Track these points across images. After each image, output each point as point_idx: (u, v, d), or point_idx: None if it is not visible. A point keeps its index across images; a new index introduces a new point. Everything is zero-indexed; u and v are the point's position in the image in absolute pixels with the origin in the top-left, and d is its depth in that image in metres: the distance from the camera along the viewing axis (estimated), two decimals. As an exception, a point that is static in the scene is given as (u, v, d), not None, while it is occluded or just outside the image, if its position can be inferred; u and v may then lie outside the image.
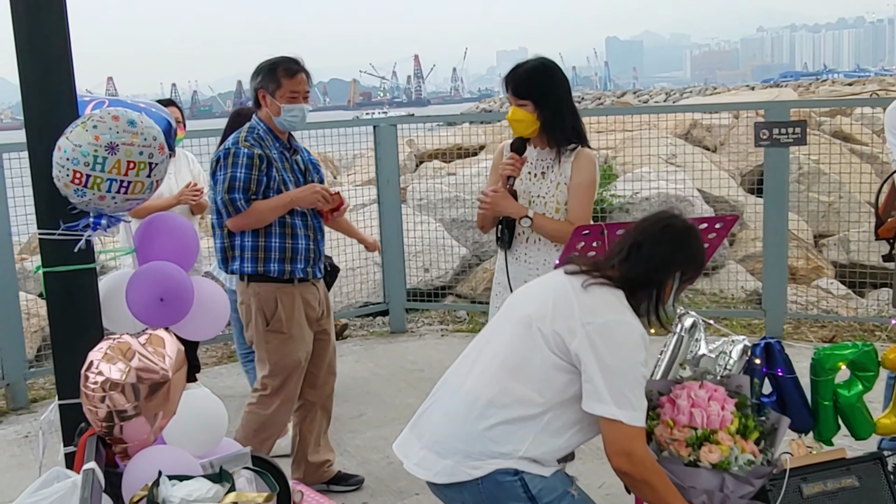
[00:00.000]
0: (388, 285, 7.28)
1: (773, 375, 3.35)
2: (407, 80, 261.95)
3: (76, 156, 2.89)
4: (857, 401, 3.40)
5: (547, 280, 2.72)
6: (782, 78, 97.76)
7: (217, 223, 4.06)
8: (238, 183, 3.90)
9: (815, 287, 7.75)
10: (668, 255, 2.61)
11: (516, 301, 2.75)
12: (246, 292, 4.06)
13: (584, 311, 2.49)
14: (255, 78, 4.09)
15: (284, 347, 4.06)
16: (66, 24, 2.95)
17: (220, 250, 4.08)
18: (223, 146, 4.04)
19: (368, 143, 7.41)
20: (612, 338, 2.46)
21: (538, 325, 2.52)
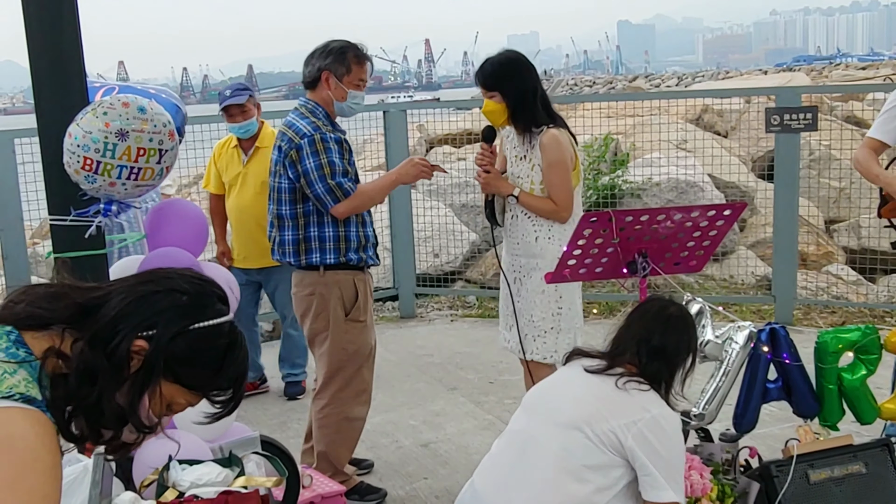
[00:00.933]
0: (397, 271, 7.29)
1: (778, 362, 3.36)
2: (418, 64, 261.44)
3: (87, 142, 2.91)
4: (860, 384, 3.41)
5: (573, 379, 2.80)
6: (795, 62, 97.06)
7: (289, 213, 3.89)
8: (337, 167, 3.79)
9: (825, 273, 7.73)
10: (678, 344, 2.76)
11: (548, 403, 2.80)
12: (321, 282, 3.91)
13: (631, 409, 2.61)
14: (322, 58, 3.93)
15: (362, 336, 4.01)
16: (76, 11, 2.97)
17: (293, 242, 3.91)
18: (300, 132, 3.81)
19: (378, 128, 7.40)
20: (662, 430, 2.60)
21: (590, 428, 2.60)
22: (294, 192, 3.86)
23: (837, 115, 11.56)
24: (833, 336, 3.42)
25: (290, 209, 3.89)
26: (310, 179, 3.78)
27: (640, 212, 3.12)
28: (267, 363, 5.88)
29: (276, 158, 3.91)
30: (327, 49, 3.94)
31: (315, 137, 3.78)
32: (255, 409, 5.26)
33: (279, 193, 3.91)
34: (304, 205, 3.88)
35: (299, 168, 3.79)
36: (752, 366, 3.37)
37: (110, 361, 1.62)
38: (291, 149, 3.81)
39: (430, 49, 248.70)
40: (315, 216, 3.88)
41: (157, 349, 1.65)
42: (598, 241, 3.10)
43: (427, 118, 11.08)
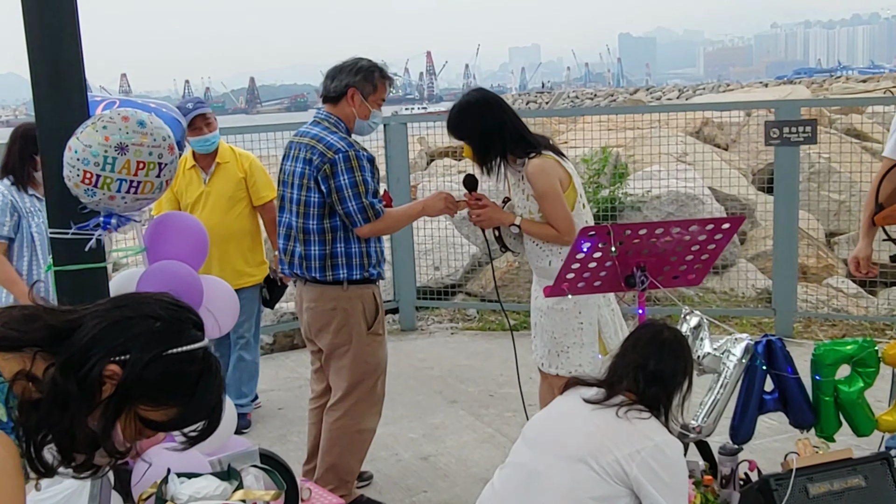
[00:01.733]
0: (398, 283, 7.30)
1: (774, 373, 3.38)
2: (419, 76, 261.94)
3: (87, 156, 2.91)
4: (857, 397, 3.42)
5: (574, 411, 2.80)
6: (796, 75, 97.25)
7: (317, 228, 3.88)
8: (370, 186, 3.80)
9: (826, 285, 7.73)
10: (674, 368, 2.78)
11: (551, 435, 2.80)
12: (345, 296, 3.92)
13: (634, 438, 2.62)
14: (351, 74, 3.92)
15: (381, 349, 4.09)
16: (77, 25, 2.97)
17: (320, 257, 3.90)
18: (333, 147, 3.79)
19: (379, 141, 7.42)
20: (666, 457, 2.62)
21: (595, 461, 2.61)
22: (324, 206, 3.85)
23: (838, 127, 11.59)
24: (830, 349, 3.44)
25: (318, 224, 3.87)
26: (343, 196, 3.77)
27: (639, 225, 3.13)
28: (265, 377, 5.88)
29: (303, 171, 3.86)
30: (357, 66, 3.94)
31: (350, 154, 3.77)
32: (254, 423, 5.25)
33: (307, 207, 3.88)
34: (331, 220, 3.86)
35: (332, 183, 3.77)
36: (749, 377, 3.39)
37: (82, 387, 1.61)
38: (325, 163, 3.78)
39: (431, 61, 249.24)
40: (342, 232, 3.87)
41: (130, 375, 1.65)
42: (596, 254, 3.10)
43: (428, 131, 11.11)
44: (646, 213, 7.95)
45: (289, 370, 6.29)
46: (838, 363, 3.43)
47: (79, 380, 1.61)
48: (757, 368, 3.36)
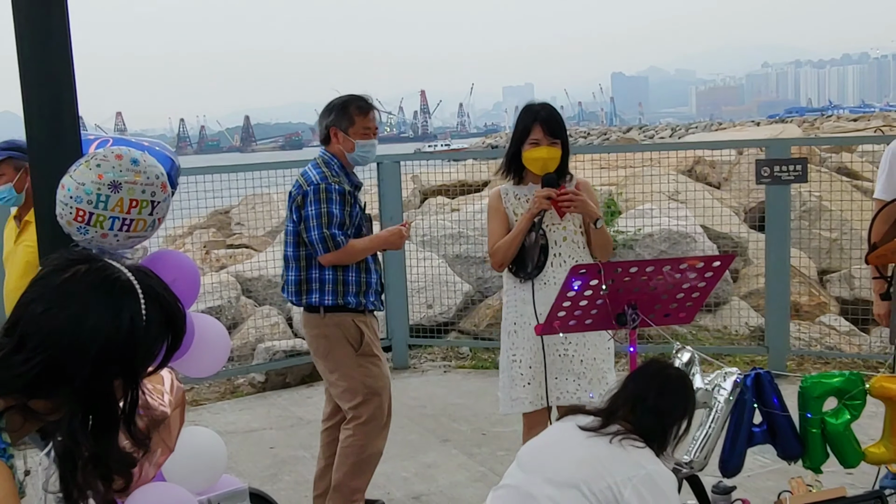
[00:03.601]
0: (390, 321, 7.29)
1: (764, 407, 3.39)
2: (413, 115, 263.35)
3: (79, 194, 2.92)
4: (844, 429, 3.42)
5: (569, 437, 2.80)
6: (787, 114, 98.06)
7: (293, 255, 4.13)
8: (335, 219, 4.00)
9: (818, 323, 7.73)
10: (673, 405, 2.80)
11: (544, 460, 2.80)
12: (323, 323, 4.11)
13: (627, 465, 2.62)
14: (326, 115, 4.20)
15: (377, 369, 4.18)
16: (72, 64, 3.00)
17: (295, 283, 4.13)
18: (309, 180, 4.05)
19: (372, 178, 7.45)
20: (656, 486, 2.61)
21: (587, 487, 2.61)
22: (297, 235, 4.11)
23: (829, 166, 11.66)
24: (817, 381, 3.45)
25: (294, 251, 4.13)
26: (308, 225, 4.01)
27: (629, 263, 3.14)
28: (257, 415, 5.85)
29: (289, 204, 4.14)
30: (330, 106, 4.21)
31: (321, 187, 4.01)
32: (245, 461, 5.22)
33: (287, 235, 4.18)
34: (305, 248, 4.10)
35: (302, 213, 4.04)
36: (738, 410, 3.39)
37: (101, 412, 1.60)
38: (299, 194, 4.07)
39: (425, 100, 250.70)
40: (316, 259, 4.08)
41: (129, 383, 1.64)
42: (587, 292, 3.11)
43: (421, 169, 11.15)
44: (638, 251, 7.98)
45: (280, 408, 6.26)
46: (825, 395, 3.44)
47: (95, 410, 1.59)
48: (746, 402, 3.37)
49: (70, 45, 2.97)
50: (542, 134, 3.85)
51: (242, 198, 10.73)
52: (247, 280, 8.38)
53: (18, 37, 2.92)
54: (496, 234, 3.96)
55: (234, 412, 6.24)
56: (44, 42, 2.92)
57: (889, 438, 3.49)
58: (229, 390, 6.82)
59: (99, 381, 1.58)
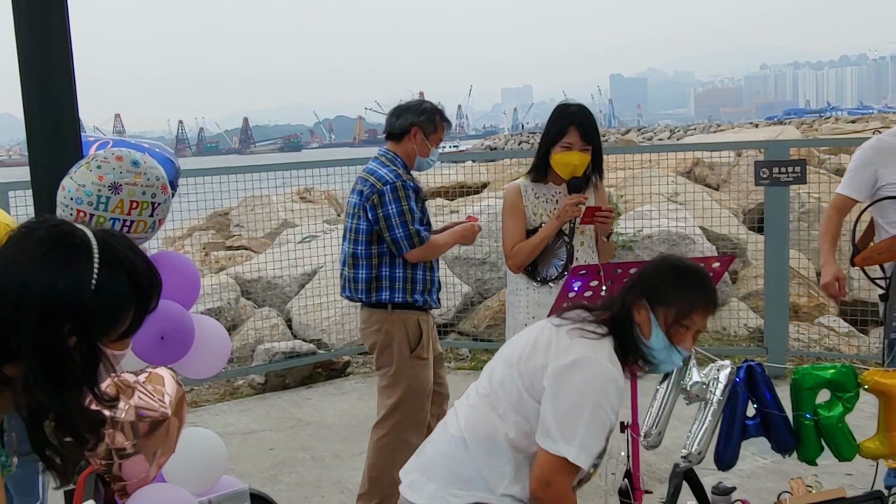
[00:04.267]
0: (390, 322, 7.28)
1: (756, 398, 3.42)
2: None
3: (80, 195, 2.92)
4: (837, 421, 3.44)
5: (537, 324, 2.77)
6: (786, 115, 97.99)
7: (365, 253, 4.16)
8: (416, 215, 4.08)
9: (817, 324, 7.74)
10: (633, 282, 2.65)
11: (509, 343, 2.83)
12: (389, 320, 4.15)
13: (558, 351, 2.52)
14: (414, 114, 4.25)
15: (423, 372, 4.21)
16: (72, 66, 3.00)
17: (366, 280, 4.17)
18: (384, 179, 4.09)
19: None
20: (574, 376, 2.47)
21: (517, 366, 2.59)
22: (371, 233, 4.13)
23: (828, 167, 11.68)
24: (808, 372, 3.47)
25: (366, 249, 4.15)
26: (390, 224, 4.06)
27: (629, 265, 3.15)
28: (257, 416, 5.85)
29: (355, 202, 4.18)
30: (421, 108, 4.29)
31: (397, 185, 4.06)
32: (244, 462, 5.22)
33: (356, 234, 4.17)
34: (378, 246, 4.14)
35: (380, 212, 4.06)
36: (731, 403, 3.41)
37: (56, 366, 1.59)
38: (374, 193, 4.08)
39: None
40: (388, 257, 4.14)
41: (84, 339, 1.62)
42: (587, 293, 3.11)
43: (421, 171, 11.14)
44: (637, 252, 7.98)
45: (280, 410, 6.27)
46: (818, 387, 3.46)
47: (50, 362, 1.59)
48: (739, 394, 3.39)
49: (70, 46, 2.98)
50: (577, 138, 3.84)
51: (241, 199, 10.74)
52: (246, 282, 8.38)
53: (19, 38, 2.93)
54: (515, 232, 3.94)
55: (233, 413, 6.24)
56: (44, 44, 2.93)
57: (884, 433, 3.50)
58: (229, 392, 6.82)
59: (49, 336, 1.58)
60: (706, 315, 2.61)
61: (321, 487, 4.83)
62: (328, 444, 5.47)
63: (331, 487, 4.83)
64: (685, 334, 2.58)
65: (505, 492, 2.56)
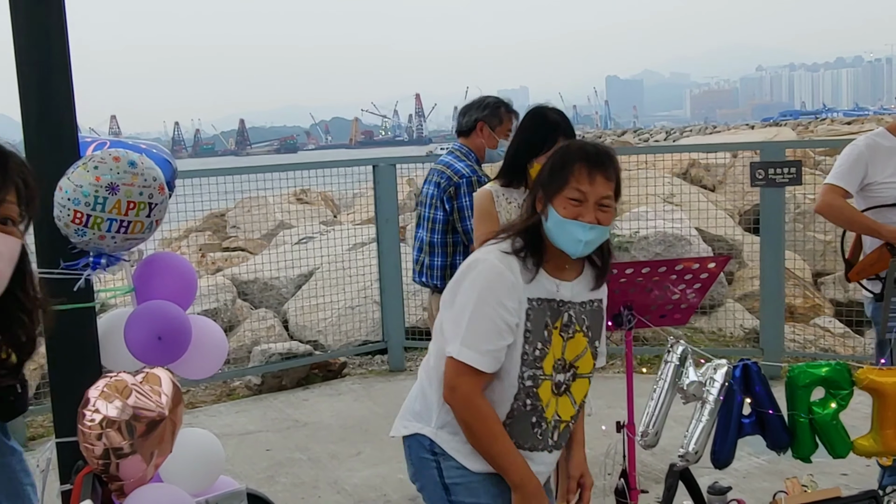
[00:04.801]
0: (386, 324, 7.30)
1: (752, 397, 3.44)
2: (408, 118, 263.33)
3: (77, 196, 2.93)
4: (832, 418, 3.46)
5: None
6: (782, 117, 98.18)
7: (440, 241, 4.42)
8: None
9: (813, 325, 7.76)
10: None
11: None
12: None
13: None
14: (478, 110, 4.49)
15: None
16: (69, 66, 3.01)
17: (441, 267, 4.44)
18: (460, 173, 4.34)
19: (368, 181, 7.46)
20: (464, 279, 2.50)
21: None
22: (447, 223, 4.40)
23: (823, 168, 11.70)
24: (803, 370, 3.49)
25: (442, 238, 4.44)
26: (463, 216, 4.32)
27: (625, 265, 3.15)
28: (253, 417, 5.85)
29: (433, 193, 4.45)
30: (484, 103, 4.53)
31: (472, 180, 4.32)
32: (241, 463, 5.22)
33: (433, 223, 4.46)
34: (453, 235, 4.41)
35: (455, 204, 4.33)
36: (727, 402, 3.42)
37: None
38: (451, 186, 4.35)
39: (420, 104, 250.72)
40: (462, 246, 4.41)
41: None
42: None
43: (417, 172, 11.16)
44: (634, 253, 8.00)
45: (277, 411, 6.27)
46: (812, 385, 3.48)
47: None
48: (735, 393, 3.41)
49: (68, 47, 2.98)
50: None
51: (238, 201, 10.75)
52: (242, 283, 8.39)
53: (16, 39, 2.93)
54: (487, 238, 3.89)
55: (230, 415, 6.25)
56: (41, 44, 2.93)
57: (877, 431, 3.52)
58: (225, 393, 6.82)
59: None
60: (583, 170, 2.49)
61: (318, 488, 4.83)
62: (325, 445, 5.48)
63: (327, 488, 4.83)
64: (579, 207, 2.47)
65: (438, 421, 2.62)
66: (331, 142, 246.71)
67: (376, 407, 6.22)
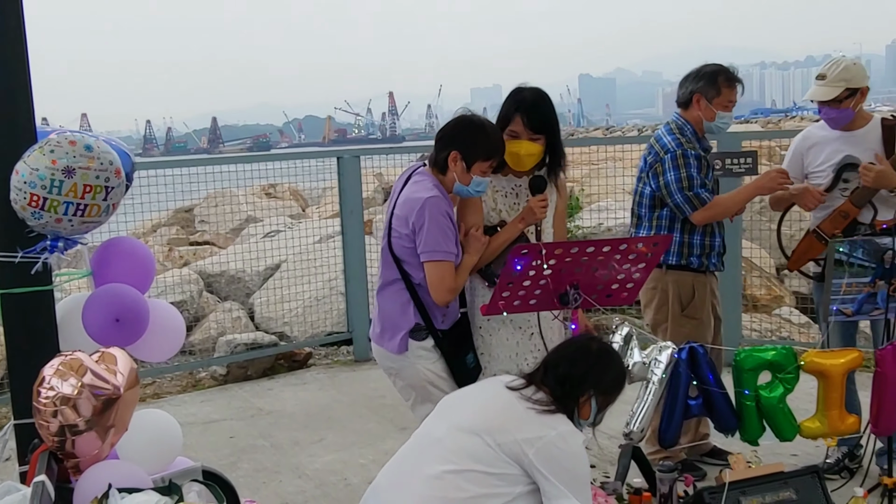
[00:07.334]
0: (351, 315, 7.35)
1: (698, 378, 3.54)
2: (382, 116, 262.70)
3: (33, 179, 2.97)
4: (778, 402, 3.56)
5: (488, 390, 2.96)
6: (753, 115, 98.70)
7: (647, 216, 4.41)
8: (696, 181, 4.23)
9: (774, 315, 7.88)
10: (582, 376, 2.88)
11: (458, 409, 2.93)
12: (663, 279, 4.38)
13: (537, 426, 2.73)
14: (694, 81, 4.39)
15: (697, 332, 4.33)
16: (25, 50, 3.04)
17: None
18: (666, 148, 4.29)
19: (332, 174, 7.50)
20: (567, 445, 2.72)
21: (491, 437, 2.71)
22: (653, 198, 4.38)
23: (786, 163, 11.84)
24: (750, 354, 3.60)
25: (648, 212, 4.42)
26: (670, 190, 4.26)
27: (570, 244, 3.22)
28: (218, 406, 5.89)
29: (642, 167, 4.45)
30: (700, 73, 4.40)
31: (677, 153, 4.25)
32: (204, 450, 5.25)
33: (640, 197, 4.46)
34: (660, 210, 4.37)
35: (661, 180, 4.28)
36: (674, 384, 3.52)
37: None
38: (657, 162, 4.32)
39: (393, 102, 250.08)
40: (667, 221, 4.37)
41: None
42: (530, 273, 3.19)
43: (386, 166, 11.20)
44: (597, 244, 8.08)
45: (241, 400, 6.31)
46: (759, 369, 3.60)
47: None
48: (681, 375, 3.50)
49: (24, 28, 3.01)
50: (522, 127, 3.58)
51: (205, 195, 10.76)
52: (210, 276, 8.42)
53: (-29, 23, 2.96)
54: (471, 225, 3.58)
55: (195, 404, 6.28)
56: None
57: (822, 412, 3.63)
58: (191, 384, 6.84)
59: None
60: None
61: (279, 473, 4.88)
62: (288, 432, 5.53)
63: (289, 473, 4.88)
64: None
65: None
66: (304, 140, 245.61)
67: (340, 396, 6.28)
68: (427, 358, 3.49)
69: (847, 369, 3.61)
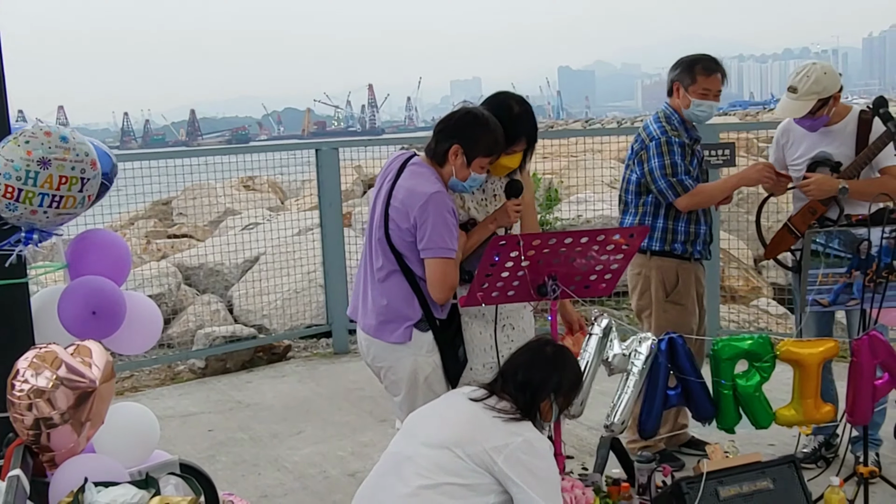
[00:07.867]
0: (330, 307, 7.33)
1: (676, 369, 3.56)
2: (361, 109, 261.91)
3: (8, 170, 2.94)
4: (754, 390, 3.60)
5: (453, 405, 2.99)
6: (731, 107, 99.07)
7: (634, 202, 4.46)
8: (679, 168, 4.28)
9: (753, 307, 7.93)
10: (541, 381, 2.94)
11: (425, 426, 2.95)
12: (647, 264, 4.43)
13: (503, 434, 2.78)
14: (674, 70, 4.46)
15: (681, 318, 4.40)
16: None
17: (630, 226, 4.43)
18: (651, 135, 4.35)
19: (311, 167, 7.48)
20: (534, 451, 2.77)
21: (461, 448, 2.76)
22: (639, 185, 4.44)
23: (767, 156, 11.91)
24: (727, 343, 3.63)
25: (634, 199, 4.48)
26: (654, 177, 4.32)
27: (548, 235, 3.23)
28: (196, 399, 5.86)
29: (629, 154, 4.52)
30: (679, 61, 4.49)
31: (661, 140, 4.32)
32: (183, 443, 5.23)
33: (627, 184, 4.51)
34: (645, 196, 4.43)
35: (646, 166, 4.35)
36: (653, 374, 3.54)
37: None
38: (642, 149, 4.40)
39: (373, 94, 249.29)
40: (652, 207, 4.42)
41: None
42: (508, 264, 3.19)
43: (365, 158, 11.17)
44: (576, 236, 8.10)
45: (220, 393, 6.28)
46: (736, 358, 3.63)
47: None
48: (660, 365, 3.52)
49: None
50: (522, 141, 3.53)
51: (183, 188, 10.70)
52: (188, 268, 8.37)
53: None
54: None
55: (173, 397, 6.25)
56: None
57: (798, 401, 3.66)
58: (169, 377, 6.81)
59: None
60: None
61: (258, 465, 4.87)
62: (266, 425, 5.51)
63: (267, 465, 4.87)
64: None
65: None
66: (283, 132, 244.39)
67: (319, 388, 6.26)
68: (426, 349, 3.44)
69: (823, 359, 3.65)
